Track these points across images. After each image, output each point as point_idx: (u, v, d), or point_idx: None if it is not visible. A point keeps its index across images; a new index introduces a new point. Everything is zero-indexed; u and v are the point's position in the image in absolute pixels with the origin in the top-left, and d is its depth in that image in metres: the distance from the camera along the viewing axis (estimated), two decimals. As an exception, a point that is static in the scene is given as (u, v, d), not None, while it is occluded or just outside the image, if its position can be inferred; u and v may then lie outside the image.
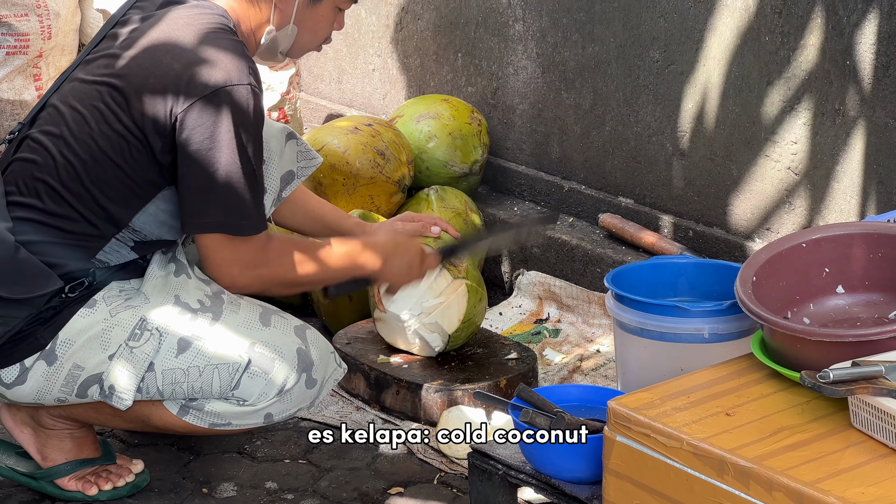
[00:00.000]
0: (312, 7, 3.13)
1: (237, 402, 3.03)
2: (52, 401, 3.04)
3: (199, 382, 3.00)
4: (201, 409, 3.04)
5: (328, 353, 3.10)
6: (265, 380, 3.01)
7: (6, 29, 4.23)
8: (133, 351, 2.99)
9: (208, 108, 2.91)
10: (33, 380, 3.00)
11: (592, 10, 4.08)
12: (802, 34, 3.59)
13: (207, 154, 2.92)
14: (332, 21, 3.19)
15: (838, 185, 3.61)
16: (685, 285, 3.27)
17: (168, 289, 3.04)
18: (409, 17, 4.66)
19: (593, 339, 3.95)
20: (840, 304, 2.84)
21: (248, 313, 3.06)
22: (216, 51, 2.96)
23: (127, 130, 2.96)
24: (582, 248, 4.09)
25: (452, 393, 3.48)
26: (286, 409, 3.05)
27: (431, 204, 4.13)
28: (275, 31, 3.13)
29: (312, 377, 3.05)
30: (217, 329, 3.01)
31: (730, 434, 2.48)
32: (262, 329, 3.04)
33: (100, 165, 2.98)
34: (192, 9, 3.04)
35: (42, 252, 2.96)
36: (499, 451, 2.92)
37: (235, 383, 3.00)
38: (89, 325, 2.99)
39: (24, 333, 2.98)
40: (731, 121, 3.81)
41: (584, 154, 4.22)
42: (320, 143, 4.11)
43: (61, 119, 3.03)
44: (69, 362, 3.00)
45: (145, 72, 2.96)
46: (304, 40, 3.19)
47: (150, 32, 3.01)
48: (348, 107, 5.00)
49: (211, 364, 3.00)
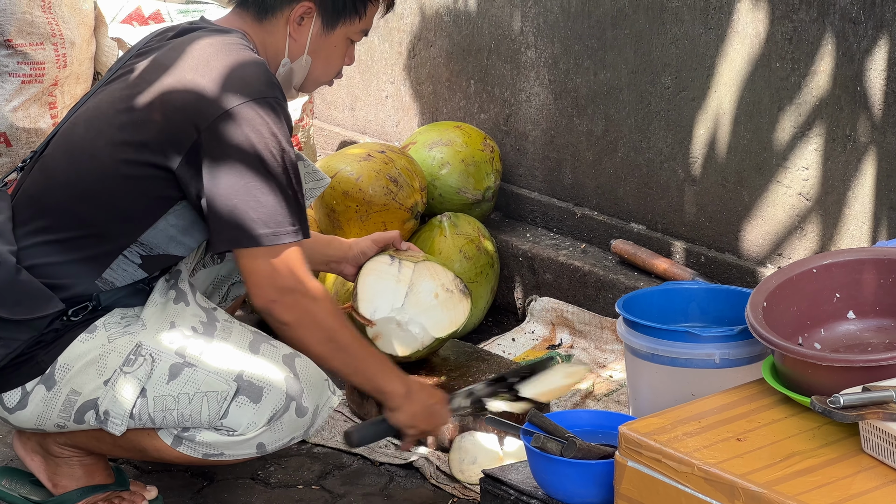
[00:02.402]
0: (326, 37, 3.15)
1: (227, 433, 3.00)
2: (52, 426, 3.04)
3: (188, 410, 2.98)
4: (193, 440, 3.01)
5: (321, 381, 3.07)
6: (254, 409, 2.98)
7: (22, 58, 4.25)
8: (126, 376, 2.98)
9: (234, 122, 2.90)
10: (33, 404, 3.01)
11: (604, 37, 4.09)
12: (813, 60, 3.60)
13: (238, 168, 2.90)
14: (344, 52, 3.20)
15: (850, 211, 3.61)
16: (696, 311, 3.27)
17: (166, 315, 3.03)
18: (421, 45, 4.68)
19: (605, 364, 3.95)
20: (851, 330, 2.84)
21: (238, 340, 3.03)
22: (240, 66, 2.96)
23: (142, 147, 2.96)
24: (594, 274, 4.10)
25: (464, 418, 3.48)
26: (279, 439, 3.03)
27: (444, 231, 4.14)
28: (290, 63, 3.15)
29: (303, 405, 3.02)
30: (207, 356, 2.99)
31: (741, 459, 2.48)
32: (251, 357, 3.01)
33: (111, 184, 2.98)
34: (212, 35, 3.06)
35: (48, 274, 2.97)
36: (511, 475, 2.92)
37: (224, 412, 2.98)
38: (87, 350, 2.99)
39: (26, 357, 2.99)
40: (742, 147, 3.82)
41: (597, 180, 4.23)
42: (333, 169, 4.13)
43: (73, 142, 3.04)
44: (67, 387, 2.99)
45: (167, 89, 2.96)
46: (317, 72, 3.20)
47: (170, 57, 3.01)
48: (361, 134, 5.02)
49: (200, 392, 2.98)
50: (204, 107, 2.92)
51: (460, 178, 4.27)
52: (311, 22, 3.12)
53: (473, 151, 4.31)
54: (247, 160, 2.91)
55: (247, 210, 2.91)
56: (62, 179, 3.02)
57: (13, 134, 4.28)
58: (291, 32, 3.12)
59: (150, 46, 3.13)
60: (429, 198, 4.26)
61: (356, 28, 3.18)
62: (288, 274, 2.96)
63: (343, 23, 3.15)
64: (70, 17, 4.35)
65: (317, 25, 3.13)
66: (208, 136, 2.91)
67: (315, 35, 3.14)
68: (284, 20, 3.11)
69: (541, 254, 4.25)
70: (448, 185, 4.28)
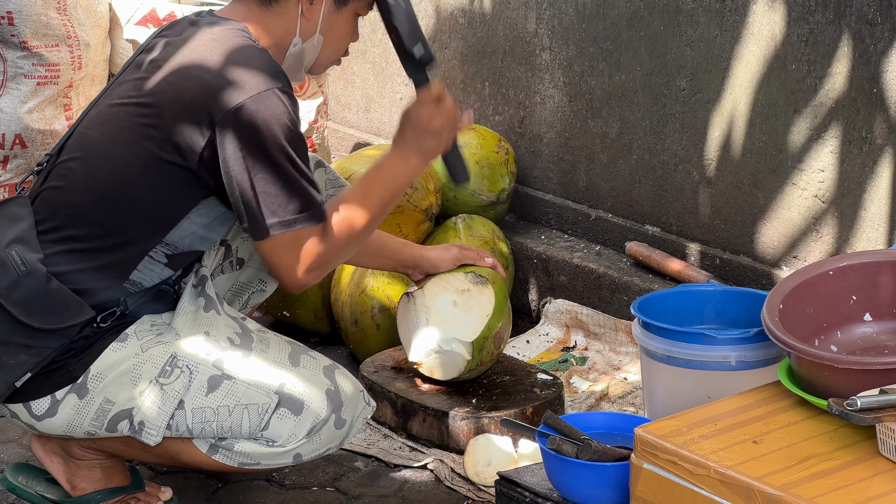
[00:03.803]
0: (337, 13, 3.12)
1: (266, 443, 3.01)
2: (82, 434, 3.04)
3: (228, 422, 2.99)
4: (231, 449, 3.02)
5: (357, 392, 3.09)
6: (295, 421, 3.00)
7: (37, 59, 4.26)
8: (163, 388, 2.99)
9: (245, 114, 2.90)
10: (64, 412, 3.01)
11: (619, 39, 4.09)
12: (829, 62, 3.60)
13: (253, 160, 2.91)
14: (352, 29, 3.17)
15: (866, 213, 3.60)
16: (712, 313, 3.27)
17: (198, 325, 3.03)
18: (436, 47, 4.68)
19: (620, 366, 3.95)
20: (867, 332, 2.83)
21: (277, 353, 3.05)
22: (245, 59, 2.95)
23: (159, 147, 2.96)
24: (609, 276, 4.10)
25: (479, 420, 3.48)
26: (316, 450, 3.04)
27: (459, 233, 4.14)
28: (301, 43, 3.13)
29: (342, 417, 3.04)
30: (247, 368, 3.00)
31: (757, 462, 2.48)
32: (292, 369, 3.03)
33: (131, 186, 2.98)
34: (214, 26, 3.05)
35: (74, 280, 2.97)
36: (526, 477, 2.92)
37: (265, 424, 3.00)
38: (121, 359, 2.99)
39: (57, 365, 2.98)
40: (757, 149, 3.81)
41: (611, 182, 4.22)
42: (348, 171, 4.13)
43: (89, 144, 3.04)
44: (100, 396, 2.99)
45: (177, 86, 2.96)
46: (328, 52, 3.18)
47: (177, 52, 3.01)
48: (376, 136, 5.02)
49: (241, 404, 2.99)
50: (214, 103, 2.91)
51: (475, 180, 4.27)
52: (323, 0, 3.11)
53: (488, 153, 4.31)
54: (257, 153, 2.91)
55: (259, 202, 2.92)
56: (81, 187, 3.02)
57: (28, 136, 4.29)
58: (304, 11, 3.09)
59: (153, 43, 3.12)
60: (443, 200, 4.26)
61: (364, 1, 3.15)
62: (308, 258, 2.98)
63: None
64: (85, 19, 4.36)
65: (328, 3, 3.11)
66: (221, 131, 2.91)
67: (327, 13, 3.11)
68: (295, 1, 3.09)
69: (555, 256, 4.24)
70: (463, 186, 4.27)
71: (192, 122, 2.93)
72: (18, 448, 3.56)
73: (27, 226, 3.00)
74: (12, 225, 3.01)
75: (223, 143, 2.92)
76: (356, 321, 3.97)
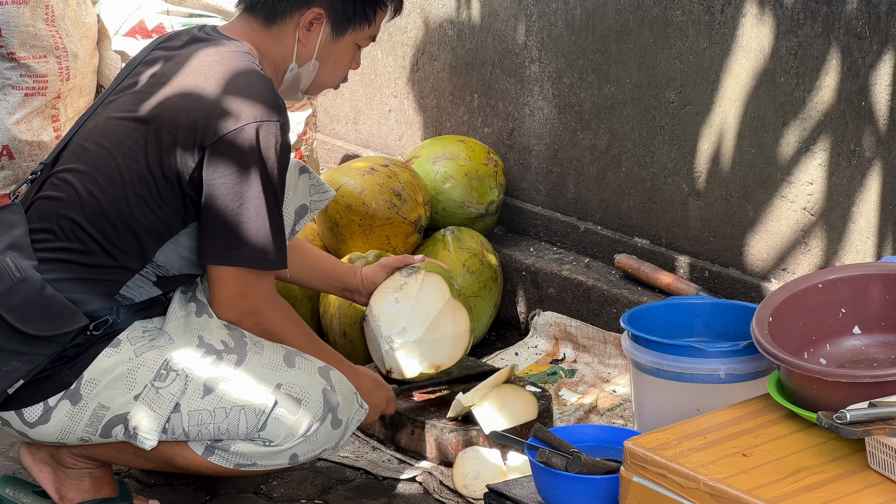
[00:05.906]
0: (334, 43, 3.18)
1: (263, 443, 3.03)
2: (75, 440, 3.04)
3: (225, 424, 3.00)
4: (227, 450, 3.03)
5: (351, 394, 3.11)
6: (291, 421, 3.01)
7: (25, 70, 4.25)
8: (159, 392, 2.99)
9: (237, 143, 2.94)
10: (57, 419, 3.01)
11: (608, 51, 4.09)
12: (818, 75, 3.60)
13: (234, 188, 2.95)
14: (351, 58, 3.23)
15: (854, 226, 3.61)
16: (701, 326, 3.27)
17: (190, 329, 3.04)
18: (425, 58, 4.68)
19: (609, 379, 3.94)
20: (856, 345, 2.83)
21: (272, 355, 3.06)
22: (246, 87, 2.99)
23: (154, 164, 2.98)
24: (598, 289, 4.09)
25: (468, 433, 3.48)
26: (312, 450, 3.05)
27: (447, 245, 4.13)
28: (297, 68, 3.17)
29: (338, 418, 3.05)
30: (242, 370, 3.02)
31: (746, 475, 2.48)
32: (287, 370, 3.04)
33: (125, 200, 3.00)
34: (218, 46, 3.07)
35: (65, 290, 2.97)
36: (515, 490, 2.92)
37: (262, 425, 3.01)
38: (114, 364, 3.00)
39: (49, 372, 2.99)
40: (746, 161, 3.81)
41: (600, 195, 4.22)
42: (337, 183, 4.12)
43: (86, 156, 3.05)
44: (94, 402, 3.00)
45: (177, 106, 2.99)
46: (324, 77, 3.23)
47: (178, 70, 3.04)
48: (364, 147, 5.02)
49: (237, 406, 3.00)
50: (207, 127, 2.96)
51: (464, 192, 4.27)
52: (321, 28, 3.14)
53: (477, 165, 4.30)
54: (243, 183, 2.96)
55: (235, 232, 2.97)
56: (76, 199, 3.03)
57: (16, 147, 4.28)
58: (300, 38, 3.13)
59: (154, 56, 3.14)
60: (432, 212, 4.26)
61: (365, 34, 3.20)
62: (255, 300, 3.05)
63: (352, 29, 3.17)
64: (73, 30, 4.35)
65: (326, 31, 3.15)
66: (210, 154, 2.96)
67: (324, 41, 3.16)
68: (294, 25, 3.12)
69: (544, 268, 4.24)
70: (451, 199, 4.27)
71: (186, 143, 2.97)
72: (6, 461, 3.55)
73: (21, 233, 3.01)
74: (7, 232, 3.02)
75: (208, 167, 2.96)
76: (345, 333, 3.97)
